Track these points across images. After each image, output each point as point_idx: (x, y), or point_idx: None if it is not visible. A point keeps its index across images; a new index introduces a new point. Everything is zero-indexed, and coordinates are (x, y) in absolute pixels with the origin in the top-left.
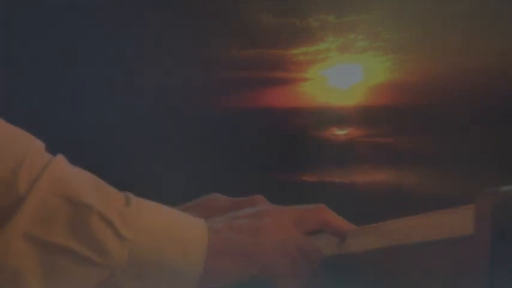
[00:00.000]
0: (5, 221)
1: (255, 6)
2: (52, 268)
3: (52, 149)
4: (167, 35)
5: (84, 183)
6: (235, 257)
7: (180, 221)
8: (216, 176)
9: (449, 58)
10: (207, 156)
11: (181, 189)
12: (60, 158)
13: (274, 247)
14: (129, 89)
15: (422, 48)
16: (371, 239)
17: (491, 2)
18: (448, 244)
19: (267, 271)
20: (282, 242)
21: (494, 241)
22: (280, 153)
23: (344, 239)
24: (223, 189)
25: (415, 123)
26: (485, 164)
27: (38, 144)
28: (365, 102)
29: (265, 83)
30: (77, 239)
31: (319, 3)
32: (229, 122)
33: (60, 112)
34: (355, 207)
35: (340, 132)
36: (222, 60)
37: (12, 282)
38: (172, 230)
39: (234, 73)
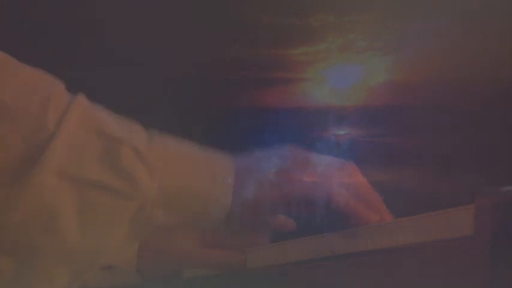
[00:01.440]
0: (37, 159)
1: (255, 6)
2: (87, 204)
3: None
4: (166, 34)
5: (108, 117)
6: (263, 183)
7: (204, 150)
8: None
9: (449, 58)
10: None
11: None
12: (82, 96)
13: (298, 178)
14: (128, 89)
15: (423, 48)
16: (371, 239)
17: (492, 2)
18: (448, 244)
19: (289, 199)
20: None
21: (494, 241)
22: None
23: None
24: None
25: (415, 123)
26: (485, 164)
27: (60, 84)
28: (365, 102)
29: (265, 83)
30: (109, 172)
31: (319, 3)
32: (228, 122)
33: None
34: None
35: (340, 132)
36: (222, 60)
37: (49, 222)
38: (197, 156)
39: (234, 73)
